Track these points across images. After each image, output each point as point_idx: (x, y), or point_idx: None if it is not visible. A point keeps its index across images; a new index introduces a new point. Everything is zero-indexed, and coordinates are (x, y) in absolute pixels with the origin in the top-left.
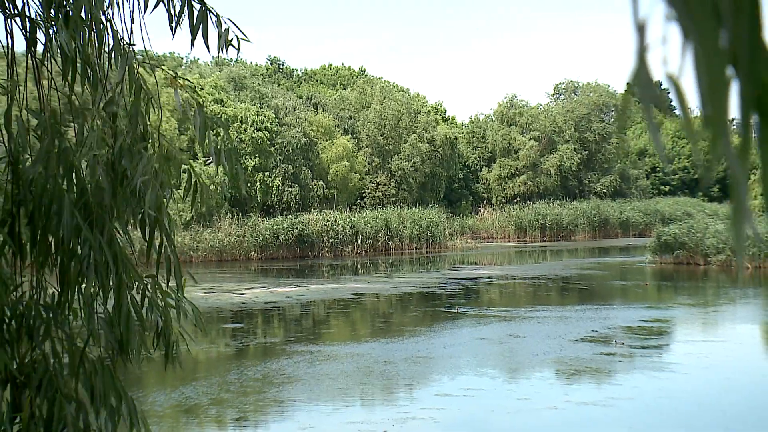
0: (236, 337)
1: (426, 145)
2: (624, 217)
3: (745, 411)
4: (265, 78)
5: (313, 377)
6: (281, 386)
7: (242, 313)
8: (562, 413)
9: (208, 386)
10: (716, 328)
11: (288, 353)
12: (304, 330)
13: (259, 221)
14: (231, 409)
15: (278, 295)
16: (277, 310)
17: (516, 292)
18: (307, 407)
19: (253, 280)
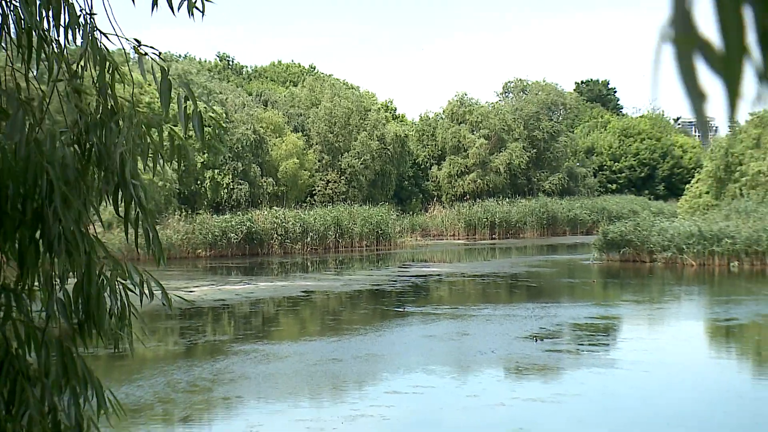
0: (184, 336)
1: (376, 143)
2: (572, 215)
3: (689, 407)
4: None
5: (262, 375)
6: (229, 384)
7: (191, 311)
8: (509, 410)
9: (154, 385)
10: (662, 325)
11: (236, 351)
12: (253, 328)
13: (208, 218)
14: (178, 407)
15: (227, 293)
16: (225, 308)
17: (465, 289)
18: (256, 406)
19: (202, 277)
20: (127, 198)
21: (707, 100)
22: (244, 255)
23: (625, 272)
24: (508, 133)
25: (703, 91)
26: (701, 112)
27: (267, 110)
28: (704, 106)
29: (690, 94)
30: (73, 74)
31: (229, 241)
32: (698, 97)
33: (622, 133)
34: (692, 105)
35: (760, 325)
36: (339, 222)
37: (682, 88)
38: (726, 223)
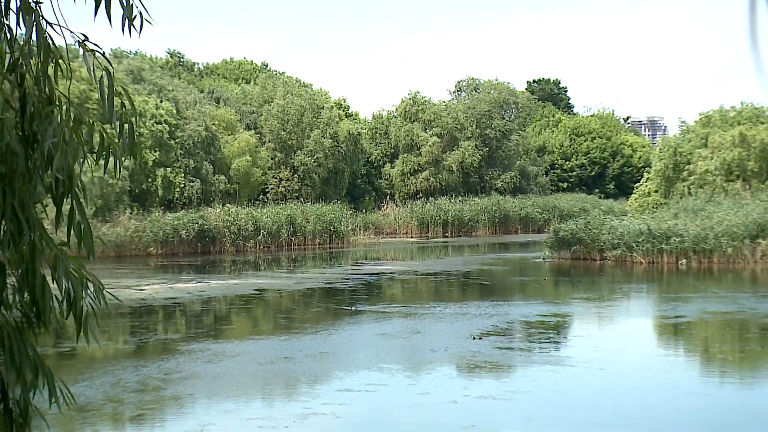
0: (135, 334)
1: (329, 141)
2: (524, 213)
3: (638, 404)
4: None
5: (214, 374)
6: (180, 383)
7: (141, 309)
8: (461, 407)
9: (103, 384)
10: (611, 322)
11: (188, 350)
12: (205, 326)
13: (159, 216)
14: (128, 407)
15: (178, 291)
16: (177, 306)
17: (418, 287)
18: (207, 404)
19: (153, 275)
20: (60, 190)
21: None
22: (196, 253)
23: (576, 270)
24: (461, 131)
25: None
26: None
27: (219, 107)
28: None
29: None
30: (14, 61)
31: (180, 239)
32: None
33: (573, 132)
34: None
35: (707, 323)
36: (292, 220)
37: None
38: (674, 222)
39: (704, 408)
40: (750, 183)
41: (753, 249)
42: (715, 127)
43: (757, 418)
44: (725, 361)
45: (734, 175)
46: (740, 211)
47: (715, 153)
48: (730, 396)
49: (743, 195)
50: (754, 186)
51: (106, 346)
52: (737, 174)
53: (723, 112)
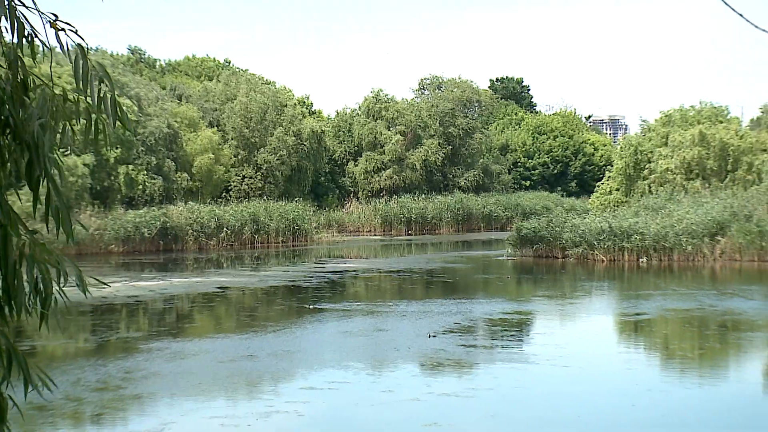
0: (96, 332)
1: (292, 139)
2: (487, 211)
3: (599, 401)
4: (126, 68)
5: (175, 372)
6: (142, 382)
7: (102, 307)
8: (424, 404)
9: (64, 382)
10: (573, 320)
11: (149, 348)
12: (167, 324)
13: (120, 213)
14: (89, 405)
15: (140, 289)
16: (139, 304)
17: (381, 285)
18: (169, 403)
19: (114, 273)
20: (38, 172)
21: None
22: (158, 251)
23: (538, 268)
24: (424, 129)
25: None
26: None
27: (181, 104)
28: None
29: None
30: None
31: (142, 236)
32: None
33: (536, 130)
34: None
35: (667, 320)
36: (255, 218)
37: None
38: (635, 220)
39: (664, 404)
40: (709, 181)
41: (712, 247)
42: (675, 126)
43: (716, 414)
44: (685, 357)
45: (694, 173)
46: (700, 210)
47: (675, 152)
48: (690, 392)
49: (703, 193)
50: (713, 184)
51: (66, 344)
52: (697, 172)
53: (683, 112)
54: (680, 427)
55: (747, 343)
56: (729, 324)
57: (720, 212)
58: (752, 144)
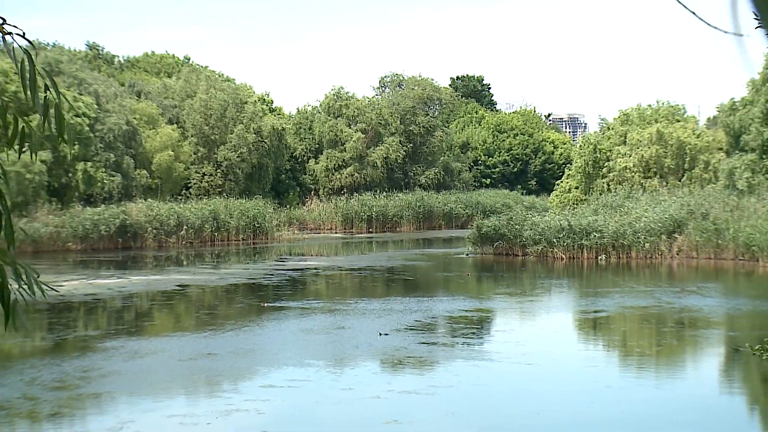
0: (53, 330)
1: (253, 136)
2: (447, 209)
3: (558, 398)
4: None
5: (134, 371)
6: (100, 380)
7: (60, 305)
8: (385, 402)
9: (20, 382)
10: (533, 317)
11: (108, 347)
12: (126, 323)
13: (78, 211)
14: (45, 404)
15: (99, 287)
16: (97, 302)
17: (342, 283)
18: (127, 402)
19: (72, 271)
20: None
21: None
22: (117, 248)
23: (499, 265)
24: (385, 127)
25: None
26: None
27: (140, 101)
28: None
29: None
30: None
31: (101, 234)
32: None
33: (496, 128)
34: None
35: (625, 317)
36: (215, 215)
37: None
38: (594, 218)
39: (622, 401)
40: (667, 180)
41: (669, 245)
42: (633, 125)
43: (673, 411)
44: (643, 355)
45: (652, 171)
46: (657, 208)
47: (634, 150)
48: (648, 389)
49: (660, 192)
50: (670, 183)
51: (23, 343)
52: (655, 171)
53: (641, 111)
54: (638, 424)
55: (703, 340)
56: (686, 321)
57: (677, 210)
58: (709, 143)
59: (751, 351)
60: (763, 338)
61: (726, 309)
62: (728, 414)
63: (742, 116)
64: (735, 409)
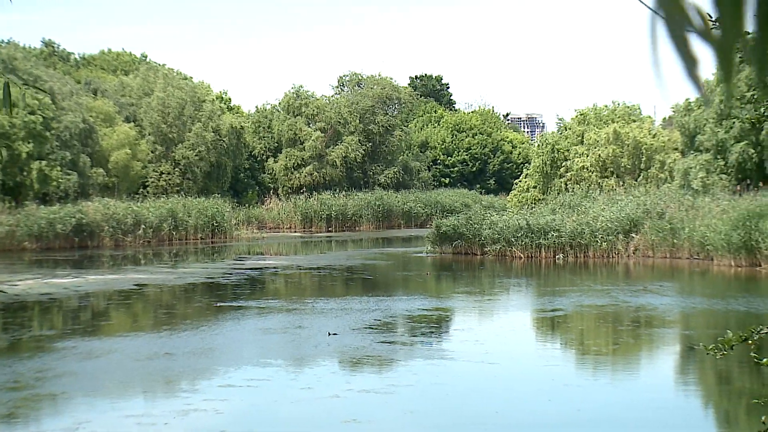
0: (7, 330)
1: (211, 134)
2: (407, 208)
3: (517, 396)
4: (39, 61)
5: (90, 371)
6: (55, 381)
7: (14, 305)
8: (343, 401)
9: None
10: (492, 316)
11: (63, 347)
12: (82, 322)
13: (33, 210)
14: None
15: (54, 287)
16: (52, 302)
17: (301, 282)
18: (84, 402)
19: (27, 270)
20: None
21: (699, 65)
22: (73, 248)
23: (458, 265)
24: (344, 126)
25: (695, 57)
26: (695, 76)
27: (97, 99)
28: (697, 70)
29: (683, 59)
30: None
31: (56, 233)
32: (691, 63)
33: (455, 128)
34: (686, 71)
35: (583, 316)
36: (173, 214)
37: (675, 56)
38: (552, 217)
39: (580, 399)
40: (623, 179)
41: (626, 244)
42: (590, 125)
43: (629, 408)
44: (600, 353)
45: (609, 171)
46: (614, 207)
47: (591, 150)
48: (605, 387)
49: (617, 191)
50: (627, 182)
51: None
52: (612, 170)
53: (597, 110)
54: (595, 422)
55: (659, 339)
56: (642, 320)
57: (633, 210)
58: (664, 143)
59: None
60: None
61: (681, 308)
62: (683, 412)
63: (696, 117)
64: (690, 408)
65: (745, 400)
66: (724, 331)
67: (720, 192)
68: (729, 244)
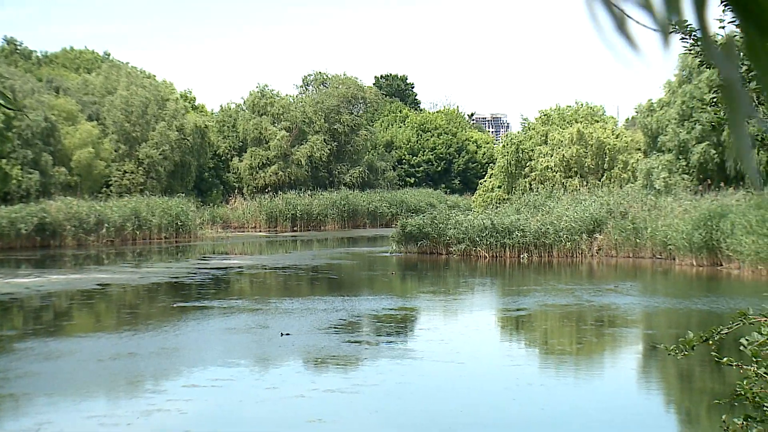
0: None
1: (175, 133)
2: (372, 208)
3: (481, 395)
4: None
5: (52, 371)
6: (17, 381)
7: None
8: (309, 401)
9: None
10: (456, 315)
11: (25, 347)
12: (44, 322)
13: None
14: None
15: (15, 286)
16: (13, 302)
17: (266, 282)
18: (46, 403)
19: None
20: None
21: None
22: (35, 247)
23: (423, 264)
24: (309, 125)
25: (623, 13)
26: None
27: (59, 97)
28: (627, 25)
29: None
30: None
31: (18, 232)
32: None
33: (420, 128)
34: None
35: (547, 315)
36: (137, 213)
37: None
38: (517, 217)
39: (543, 398)
40: (587, 179)
41: (590, 243)
42: (554, 125)
43: (592, 407)
44: (563, 352)
45: (573, 171)
46: (578, 207)
47: (555, 150)
48: (568, 386)
49: (581, 191)
50: (591, 182)
51: None
52: (575, 170)
53: (561, 111)
54: (558, 421)
55: (622, 338)
56: (605, 319)
57: (597, 210)
58: (627, 143)
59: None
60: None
61: (644, 307)
62: (645, 412)
63: (659, 117)
64: (652, 407)
65: (707, 400)
66: (686, 330)
67: (682, 192)
68: (691, 243)
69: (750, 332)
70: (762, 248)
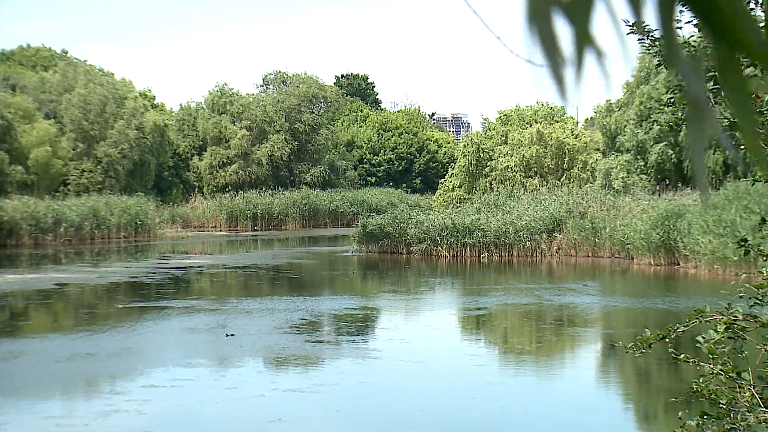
0: None
1: (134, 132)
2: (333, 207)
3: (441, 394)
4: None
5: (9, 372)
6: None
7: None
8: (269, 401)
9: None
10: (417, 315)
11: None
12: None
13: None
14: None
15: None
16: None
17: (226, 281)
18: (2, 403)
19: None
20: None
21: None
22: None
23: (384, 264)
24: (270, 124)
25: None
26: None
27: (15, 95)
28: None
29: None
30: None
31: None
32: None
33: (381, 127)
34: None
35: (506, 314)
36: (96, 212)
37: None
38: (477, 216)
39: (503, 397)
40: (547, 179)
41: (549, 243)
42: (513, 125)
43: (551, 405)
44: (523, 351)
45: (533, 171)
46: (538, 207)
47: (515, 150)
48: (528, 385)
49: (541, 191)
50: (550, 182)
51: None
52: (535, 170)
53: (520, 111)
54: (518, 419)
55: (581, 338)
56: (564, 318)
57: (557, 209)
58: (586, 143)
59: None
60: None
61: (602, 306)
62: (604, 409)
63: (617, 118)
64: (611, 404)
65: (664, 397)
66: (644, 329)
67: (640, 192)
68: (648, 243)
69: (706, 330)
70: (718, 248)
